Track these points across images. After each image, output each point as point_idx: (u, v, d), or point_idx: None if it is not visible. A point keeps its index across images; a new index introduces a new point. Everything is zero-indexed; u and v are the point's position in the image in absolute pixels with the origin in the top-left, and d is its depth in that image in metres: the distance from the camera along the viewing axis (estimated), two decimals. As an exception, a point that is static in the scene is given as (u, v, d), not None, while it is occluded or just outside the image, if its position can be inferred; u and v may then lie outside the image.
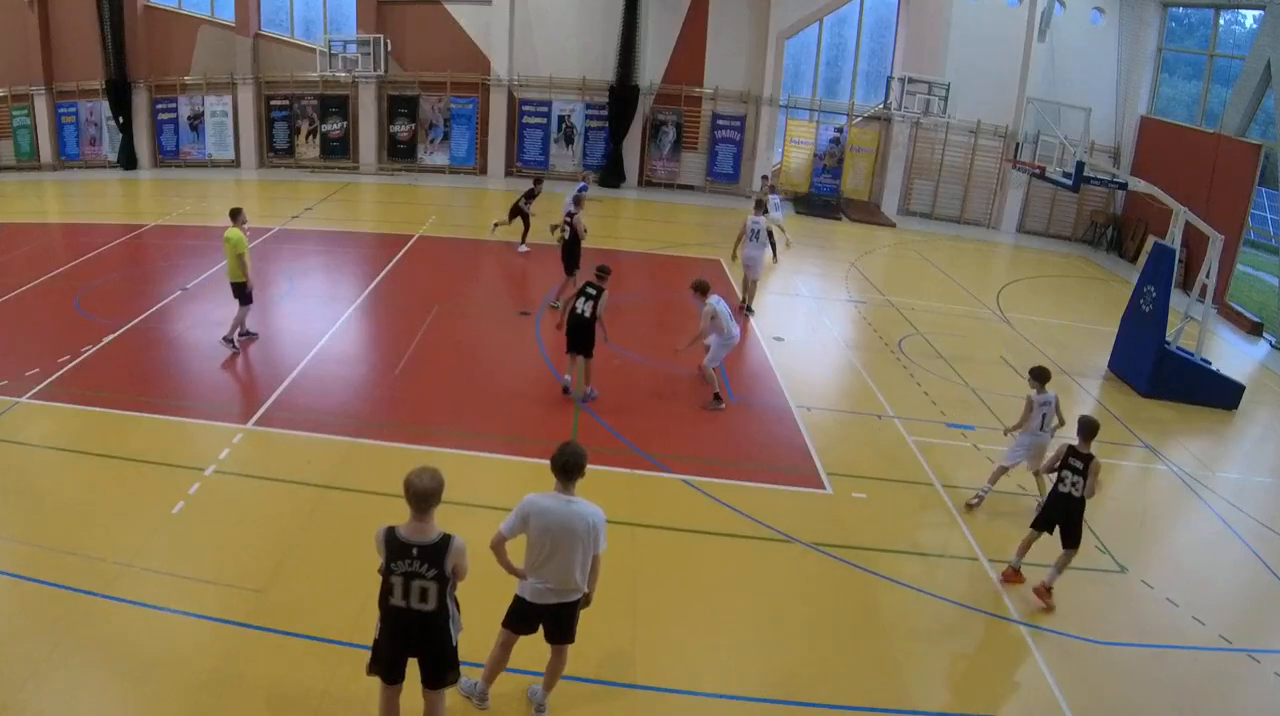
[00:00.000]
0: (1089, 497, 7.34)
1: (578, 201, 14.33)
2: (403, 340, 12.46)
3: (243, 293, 11.66)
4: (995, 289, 18.02)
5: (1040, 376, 8.87)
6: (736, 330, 11.01)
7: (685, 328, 13.05)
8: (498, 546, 5.29)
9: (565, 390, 10.85)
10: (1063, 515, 7.48)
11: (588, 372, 10.79)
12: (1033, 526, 7.74)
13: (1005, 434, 9.38)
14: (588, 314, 10.30)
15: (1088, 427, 7.42)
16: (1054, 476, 7.64)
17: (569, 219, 13.97)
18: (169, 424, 9.59)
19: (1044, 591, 7.48)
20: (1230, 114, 18.87)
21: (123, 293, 13.95)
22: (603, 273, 10.56)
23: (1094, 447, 7.39)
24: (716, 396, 11.00)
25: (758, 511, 8.53)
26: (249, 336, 12.12)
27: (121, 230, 17.97)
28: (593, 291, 10.34)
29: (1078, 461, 7.36)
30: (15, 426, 9.24)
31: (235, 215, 11.77)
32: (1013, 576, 7.79)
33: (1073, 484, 7.38)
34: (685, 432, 10.35)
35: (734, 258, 14.88)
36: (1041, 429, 8.88)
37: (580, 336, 10.42)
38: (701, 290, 10.72)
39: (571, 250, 13.90)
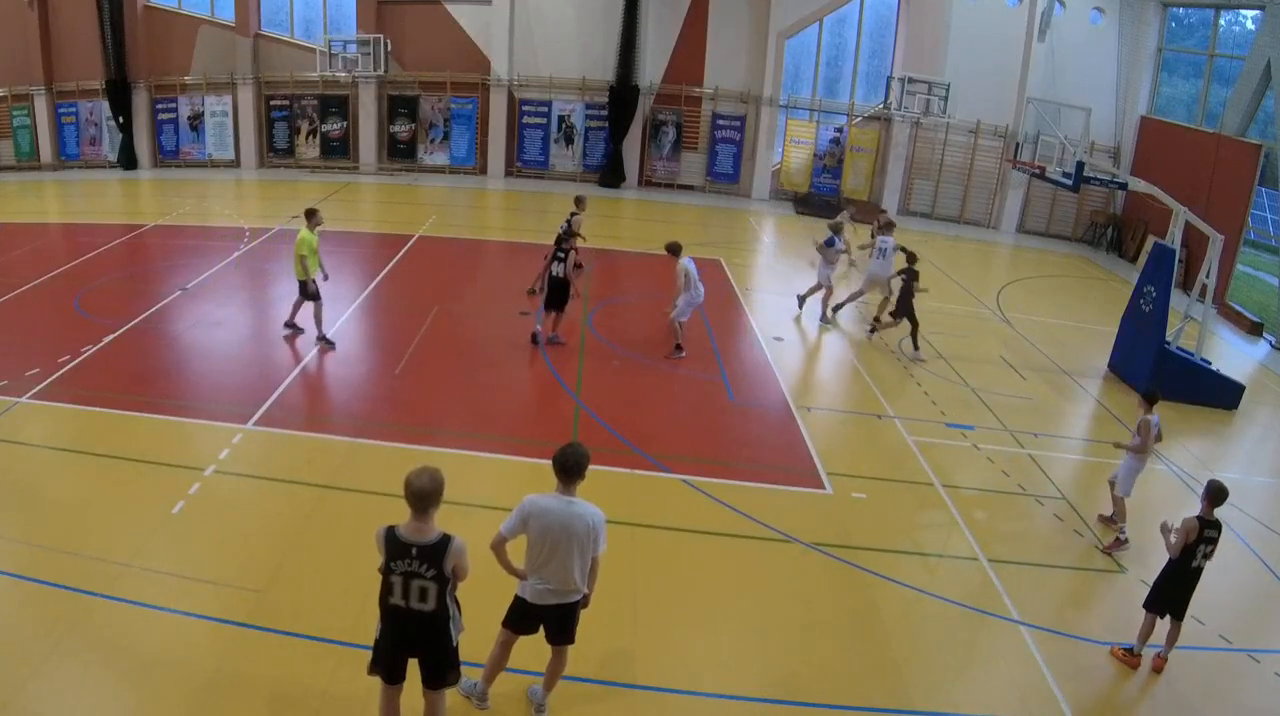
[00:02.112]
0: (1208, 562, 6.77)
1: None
2: (403, 340, 12.46)
3: (305, 290, 11.84)
4: (995, 289, 18.02)
5: (1152, 399, 8.54)
6: (702, 290, 12.23)
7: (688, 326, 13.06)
8: (498, 547, 5.29)
9: (534, 338, 12.36)
10: (1189, 593, 6.81)
11: (558, 322, 12.28)
12: (1154, 610, 6.88)
13: (1116, 447, 8.88)
14: (560, 274, 11.86)
15: (1220, 494, 6.66)
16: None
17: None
18: (169, 424, 9.59)
19: (1134, 659, 6.94)
20: (1230, 114, 18.87)
21: (123, 293, 13.94)
22: (567, 235, 12.27)
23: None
24: (678, 346, 12.30)
25: (758, 511, 8.53)
26: (295, 330, 12.33)
27: (121, 230, 17.97)
28: (561, 254, 11.90)
29: (1214, 531, 6.66)
30: (15, 426, 9.23)
31: (310, 216, 11.79)
32: (1127, 658, 6.95)
33: (1204, 555, 6.69)
34: (685, 432, 10.35)
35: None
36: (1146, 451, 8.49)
37: (556, 294, 11.99)
38: (674, 251, 12.06)
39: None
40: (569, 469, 5.27)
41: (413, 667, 5.07)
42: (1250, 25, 20.11)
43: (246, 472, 8.64)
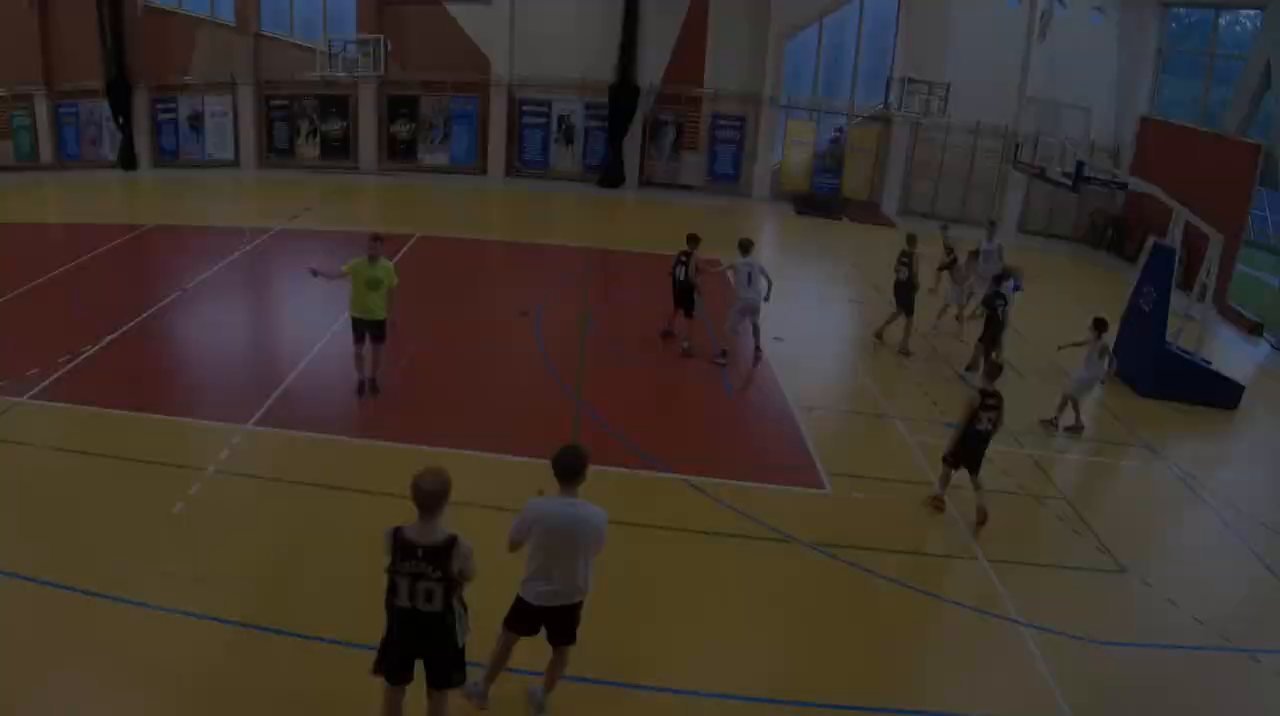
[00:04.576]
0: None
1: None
2: (403, 340, 12.42)
3: (355, 328, 10.41)
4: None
5: (1099, 326, 11.05)
6: (746, 296, 12.06)
7: (686, 327, 13.04)
8: (515, 551, 5.36)
9: (665, 333, 12.80)
10: (978, 452, 8.68)
11: (689, 326, 12.45)
12: (950, 464, 8.78)
13: (1060, 349, 12.10)
14: (682, 277, 12.15)
15: (995, 370, 8.89)
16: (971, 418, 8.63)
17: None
18: (169, 424, 9.59)
19: (939, 502, 8.88)
20: (1230, 114, 18.86)
21: (123, 293, 13.93)
22: (691, 240, 12.31)
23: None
24: (724, 352, 12.27)
25: (758, 511, 8.53)
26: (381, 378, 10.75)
27: (121, 230, 17.93)
28: (685, 258, 12.14)
29: (993, 400, 8.56)
30: (15, 426, 9.23)
31: (372, 242, 10.15)
32: (936, 503, 8.85)
33: (989, 421, 8.54)
34: (685, 432, 10.35)
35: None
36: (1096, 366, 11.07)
37: (682, 297, 12.28)
38: (742, 248, 12.16)
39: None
40: (567, 471, 5.26)
41: (417, 668, 5.07)
42: (1248, 25, 20.10)
43: (246, 472, 8.64)
